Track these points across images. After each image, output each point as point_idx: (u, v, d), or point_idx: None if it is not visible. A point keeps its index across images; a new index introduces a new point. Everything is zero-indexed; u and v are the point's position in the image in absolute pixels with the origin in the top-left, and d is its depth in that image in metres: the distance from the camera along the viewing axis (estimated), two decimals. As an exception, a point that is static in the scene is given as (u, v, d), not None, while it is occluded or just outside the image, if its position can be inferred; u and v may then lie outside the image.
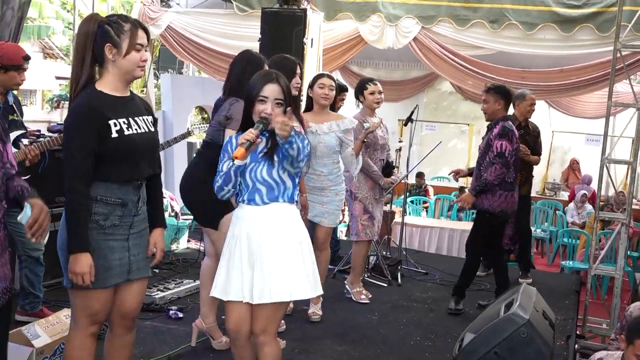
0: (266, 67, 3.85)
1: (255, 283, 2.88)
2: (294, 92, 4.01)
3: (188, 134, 5.55)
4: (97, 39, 2.65)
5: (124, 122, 2.70)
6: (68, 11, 18.17)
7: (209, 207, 3.76)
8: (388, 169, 5.42)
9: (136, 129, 2.74)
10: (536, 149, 6.32)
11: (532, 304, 3.99)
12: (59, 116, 13.51)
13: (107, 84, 2.71)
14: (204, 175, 3.74)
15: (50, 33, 17.83)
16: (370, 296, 5.51)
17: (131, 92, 2.88)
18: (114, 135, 2.65)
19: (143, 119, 2.81)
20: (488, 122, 5.30)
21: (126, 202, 2.74)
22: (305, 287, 2.95)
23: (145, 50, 2.74)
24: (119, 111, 2.70)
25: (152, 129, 2.86)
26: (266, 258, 2.89)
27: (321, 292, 3.08)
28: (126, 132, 2.69)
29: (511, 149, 5.04)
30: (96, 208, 2.67)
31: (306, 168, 3.04)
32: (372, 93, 5.27)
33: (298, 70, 4.23)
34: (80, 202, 2.61)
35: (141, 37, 2.70)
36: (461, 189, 11.28)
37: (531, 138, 6.24)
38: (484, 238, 5.30)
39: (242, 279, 2.91)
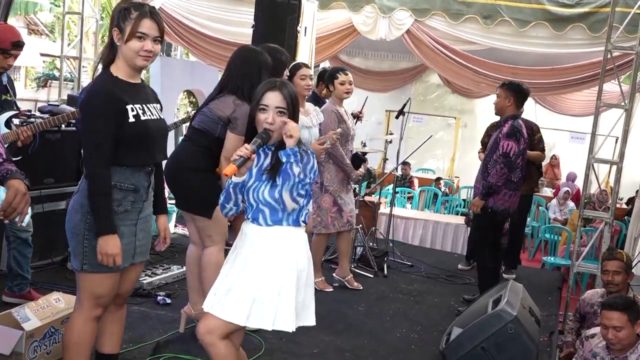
0: (267, 61, 3.82)
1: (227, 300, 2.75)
2: None
3: (188, 118, 5.47)
4: (112, 23, 2.71)
5: (139, 107, 2.74)
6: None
7: (202, 196, 3.73)
8: (357, 161, 5.41)
9: (149, 115, 2.78)
10: (534, 145, 6.32)
11: (519, 300, 4.06)
12: (46, 95, 13.30)
13: (120, 69, 2.74)
14: (196, 163, 3.72)
15: (38, 9, 17.57)
16: (361, 287, 5.58)
17: (142, 80, 2.91)
18: (131, 120, 2.69)
19: (153, 106, 2.85)
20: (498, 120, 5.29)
21: (138, 187, 2.78)
22: (288, 319, 2.78)
23: (156, 43, 2.72)
24: (133, 96, 2.74)
25: (162, 116, 2.91)
26: (256, 283, 2.73)
27: (313, 322, 2.95)
28: (142, 118, 2.73)
29: (517, 150, 4.98)
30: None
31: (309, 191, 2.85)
32: (342, 83, 5.24)
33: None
34: (107, 185, 2.66)
35: (145, 27, 2.68)
36: (438, 180, 11.36)
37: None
38: (489, 236, 5.29)
39: (224, 295, 2.78)
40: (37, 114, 5.14)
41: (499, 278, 5.47)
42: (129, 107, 2.69)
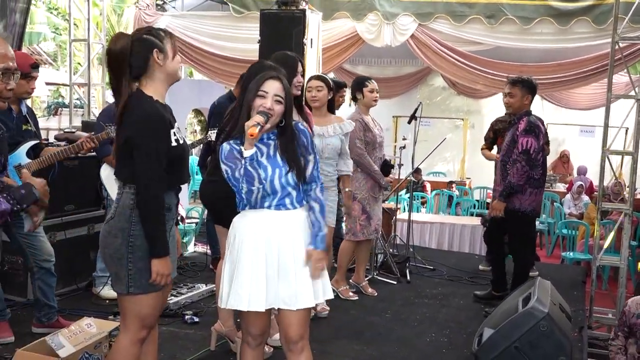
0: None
1: (285, 289, 2.83)
2: (296, 91, 3.92)
3: (205, 139, 5.47)
4: (134, 52, 2.70)
5: (176, 131, 2.80)
6: (56, 15, 18.07)
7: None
8: (386, 167, 5.42)
9: (180, 137, 2.84)
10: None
11: (549, 297, 4.03)
12: (57, 123, 13.39)
13: (156, 91, 2.76)
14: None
15: (42, 39, 17.71)
16: (375, 294, 5.59)
17: None
18: (174, 143, 2.75)
19: (177, 127, 2.89)
20: (511, 118, 5.25)
21: (171, 207, 2.82)
22: (328, 290, 3.00)
23: None
24: (171, 119, 2.80)
25: (183, 135, 2.95)
26: (293, 263, 2.84)
27: (331, 295, 3.09)
28: (180, 141, 2.80)
29: (537, 146, 4.94)
30: None
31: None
32: (371, 91, 5.28)
33: (300, 69, 4.16)
34: (163, 208, 2.72)
35: (176, 42, 2.83)
36: (450, 184, 11.34)
37: None
38: (528, 238, 5.24)
39: (277, 285, 2.83)
40: (55, 142, 5.19)
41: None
42: (172, 130, 2.76)
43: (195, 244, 7.04)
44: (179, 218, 6.88)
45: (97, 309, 4.77)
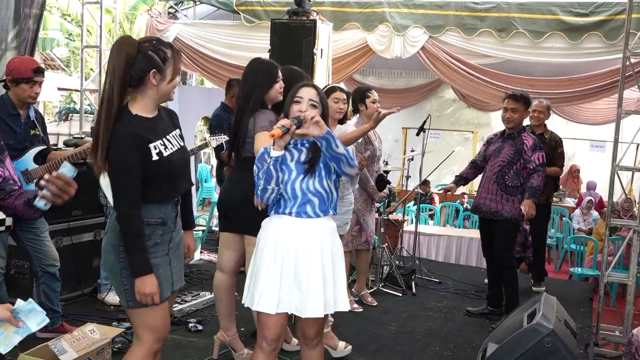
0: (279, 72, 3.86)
1: (298, 296, 2.93)
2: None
3: (205, 145, 5.51)
4: (137, 64, 2.65)
5: (160, 143, 2.73)
6: (70, 22, 18.19)
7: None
8: (382, 183, 5.41)
9: (171, 148, 2.77)
10: (554, 160, 6.29)
11: (554, 313, 3.99)
12: (68, 129, 13.48)
13: (141, 107, 2.73)
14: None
15: (55, 45, 17.85)
16: (375, 303, 5.59)
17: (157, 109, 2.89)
18: (155, 158, 2.68)
19: (173, 136, 2.84)
20: (509, 132, 5.29)
21: (166, 220, 2.78)
22: (340, 301, 3.05)
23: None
24: (155, 133, 2.73)
25: (182, 144, 2.88)
26: (307, 273, 2.92)
27: (346, 307, 3.12)
28: (165, 154, 2.72)
29: (545, 161, 5.24)
30: None
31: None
32: (374, 102, 5.29)
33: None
34: (139, 227, 2.66)
35: (180, 62, 2.79)
36: (462, 195, 11.29)
37: (547, 148, 6.25)
38: (513, 243, 5.37)
39: (291, 292, 2.94)
40: (63, 147, 5.22)
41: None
42: (151, 145, 2.68)
43: (201, 252, 7.05)
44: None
45: (102, 315, 4.79)
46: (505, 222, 5.19)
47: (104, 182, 4.68)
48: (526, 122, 5.72)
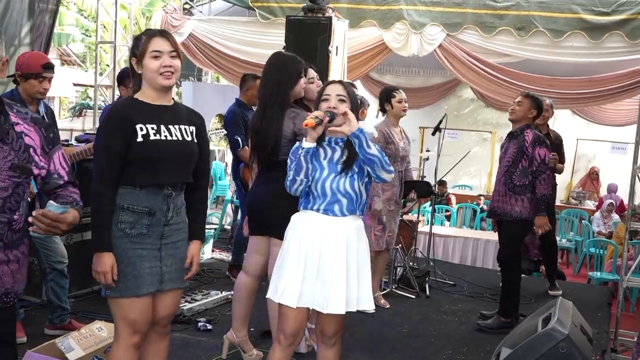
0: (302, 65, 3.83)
1: (320, 292, 2.98)
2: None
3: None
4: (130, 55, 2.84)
5: (152, 127, 2.73)
6: (86, 17, 18.34)
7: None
8: (407, 188, 5.39)
9: (166, 136, 2.76)
10: (560, 159, 6.27)
11: (570, 318, 3.94)
12: (82, 124, 13.58)
13: (143, 94, 2.81)
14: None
15: (70, 40, 18.00)
16: (387, 305, 5.55)
17: (176, 102, 2.92)
18: (139, 139, 2.70)
19: (180, 128, 2.82)
20: (513, 130, 5.24)
21: (154, 210, 2.75)
22: (364, 300, 3.07)
23: (174, 58, 2.77)
24: (150, 117, 2.74)
25: (189, 139, 2.85)
26: (331, 270, 2.97)
27: (370, 307, 3.15)
28: (152, 138, 2.72)
29: (549, 157, 5.07)
30: (122, 216, 2.70)
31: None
32: (400, 101, 5.27)
33: (313, 74, 4.14)
34: (103, 203, 2.68)
35: (157, 44, 2.74)
36: (478, 196, 11.24)
37: (553, 147, 6.18)
38: (519, 248, 5.27)
39: (314, 287, 2.99)
40: (74, 143, 5.24)
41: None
42: (138, 126, 2.70)
43: (213, 250, 7.06)
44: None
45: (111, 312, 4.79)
46: (514, 222, 5.11)
47: None
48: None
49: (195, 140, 2.87)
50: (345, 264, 2.98)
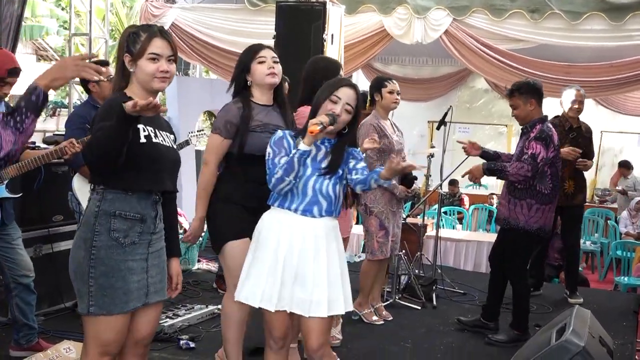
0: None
1: (300, 294, 3.07)
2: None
3: (186, 143, 5.54)
4: (122, 49, 2.80)
5: (151, 129, 2.80)
6: (63, 9, 18.38)
7: None
8: (407, 180, 5.34)
9: (162, 140, 2.84)
10: (590, 153, 6.21)
11: (587, 328, 3.91)
12: (55, 125, 13.57)
13: (135, 93, 2.78)
14: None
15: (44, 33, 18.01)
16: (390, 317, 5.53)
17: None
18: (142, 140, 2.73)
19: (167, 135, 2.92)
20: (523, 126, 5.19)
21: (145, 217, 2.79)
22: (348, 301, 3.18)
23: (171, 62, 2.79)
24: (145, 119, 2.74)
25: (174, 146, 2.97)
26: (312, 272, 3.07)
27: (352, 307, 3.27)
28: (154, 140, 2.79)
29: (545, 156, 4.86)
30: (115, 224, 2.71)
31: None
32: (391, 92, 5.25)
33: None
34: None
35: (157, 47, 2.75)
36: (490, 195, 11.19)
37: (585, 141, 6.14)
38: (527, 260, 5.23)
39: (292, 290, 3.07)
40: (42, 145, 5.23)
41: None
42: (140, 126, 2.72)
43: (199, 260, 7.05)
44: (182, 231, 6.93)
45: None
46: (516, 231, 5.03)
47: (77, 185, 4.68)
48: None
49: (176, 148, 2.98)
50: (326, 266, 3.09)
